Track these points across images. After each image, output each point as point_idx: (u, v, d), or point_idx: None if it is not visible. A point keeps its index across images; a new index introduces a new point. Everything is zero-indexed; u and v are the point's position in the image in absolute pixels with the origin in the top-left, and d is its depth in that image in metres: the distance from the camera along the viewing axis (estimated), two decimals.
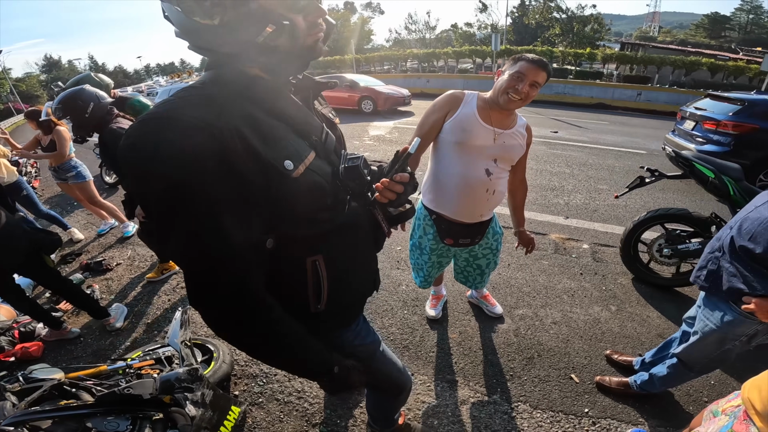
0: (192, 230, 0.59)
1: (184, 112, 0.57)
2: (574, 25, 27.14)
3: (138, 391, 1.25)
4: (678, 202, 4.43)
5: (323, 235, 0.77)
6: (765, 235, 1.12)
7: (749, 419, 0.87)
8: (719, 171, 2.22)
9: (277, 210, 0.67)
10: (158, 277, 2.85)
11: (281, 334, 0.72)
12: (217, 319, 0.67)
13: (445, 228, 1.81)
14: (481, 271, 2.06)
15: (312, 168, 0.71)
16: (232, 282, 0.63)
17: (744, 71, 17.16)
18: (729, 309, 1.29)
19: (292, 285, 0.78)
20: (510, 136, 1.63)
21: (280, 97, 0.71)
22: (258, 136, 0.63)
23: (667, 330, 2.28)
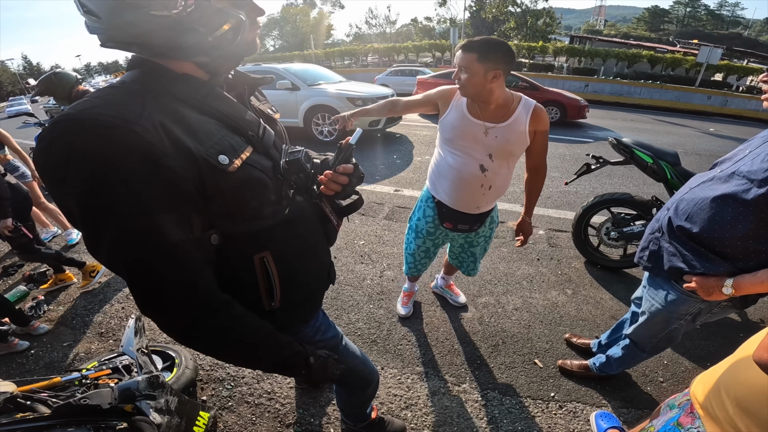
0: (123, 234, 0.56)
1: (101, 110, 0.55)
2: (528, 19, 28.05)
3: (95, 401, 1.19)
4: (623, 186, 4.73)
5: (269, 230, 0.76)
6: (700, 215, 1.16)
7: (695, 412, 0.90)
8: (657, 156, 2.39)
9: (216, 206, 0.66)
10: (90, 282, 2.70)
11: (246, 330, 0.70)
12: (172, 325, 0.65)
13: (446, 212, 1.80)
14: (475, 258, 2.05)
15: (250, 162, 0.70)
16: (181, 284, 0.61)
17: (681, 63, 18.45)
18: (672, 288, 1.31)
19: (242, 284, 0.76)
20: (505, 129, 1.53)
21: (210, 94, 0.69)
22: (187, 132, 0.61)
23: (619, 311, 2.43)
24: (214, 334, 0.67)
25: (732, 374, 0.83)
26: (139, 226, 0.56)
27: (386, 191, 4.48)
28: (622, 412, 1.77)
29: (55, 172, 0.54)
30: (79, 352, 2.17)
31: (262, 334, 0.74)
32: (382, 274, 2.80)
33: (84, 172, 0.53)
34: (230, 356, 0.76)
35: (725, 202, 1.10)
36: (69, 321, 2.42)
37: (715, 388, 0.85)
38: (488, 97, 1.48)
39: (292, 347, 0.81)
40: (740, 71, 17.64)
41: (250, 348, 0.73)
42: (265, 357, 0.77)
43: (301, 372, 0.84)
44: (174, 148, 0.58)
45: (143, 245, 0.57)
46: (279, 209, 0.78)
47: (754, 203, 1.02)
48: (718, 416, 0.81)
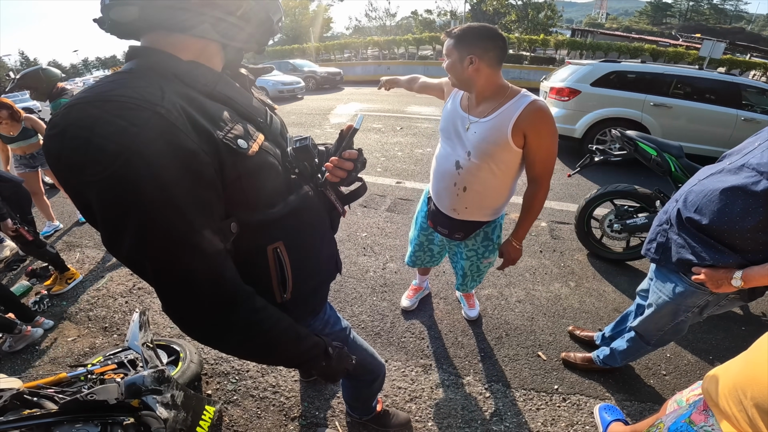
0: (149, 224, 0.51)
1: (123, 92, 0.51)
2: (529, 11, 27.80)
3: (102, 397, 1.20)
4: (626, 179, 4.71)
5: (279, 220, 0.74)
6: (710, 207, 1.16)
7: (708, 410, 0.88)
8: (661, 149, 2.38)
9: (233, 192, 0.63)
10: (64, 288, 2.69)
11: (270, 323, 0.68)
12: (199, 322, 0.61)
13: (431, 210, 1.76)
14: (463, 272, 1.90)
15: (264, 148, 0.69)
16: (209, 276, 0.57)
17: (683, 57, 18.29)
18: (680, 280, 1.31)
19: (255, 277, 0.73)
20: (484, 126, 1.38)
21: (220, 81, 0.67)
22: (204, 116, 0.59)
23: (622, 304, 2.43)
24: (240, 328, 0.64)
25: (749, 374, 0.80)
26: (166, 215, 0.52)
27: (388, 183, 4.47)
28: (626, 404, 1.78)
29: (73, 158, 0.49)
30: (84, 347, 2.17)
31: (283, 325, 0.71)
32: (384, 266, 2.80)
33: (107, 158, 0.48)
34: (253, 351, 0.71)
35: (735, 194, 1.10)
36: (73, 316, 2.43)
37: (731, 387, 0.82)
38: (471, 87, 1.39)
39: (312, 338, 0.80)
40: (743, 65, 17.49)
41: (273, 341, 0.70)
42: (287, 350, 0.74)
43: (320, 364, 0.82)
44: (196, 132, 0.56)
45: (170, 236, 0.53)
46: (289, 198, 0.77)
47: (763, 195, 1.03)
48: (737, 416, 0.78)
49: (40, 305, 2.51)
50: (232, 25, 0.65)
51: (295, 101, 11.59)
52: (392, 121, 7.88)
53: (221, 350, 0.68)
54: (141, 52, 0.63)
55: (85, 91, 0.52)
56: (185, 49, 0.64)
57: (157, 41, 0.63)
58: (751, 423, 0.75)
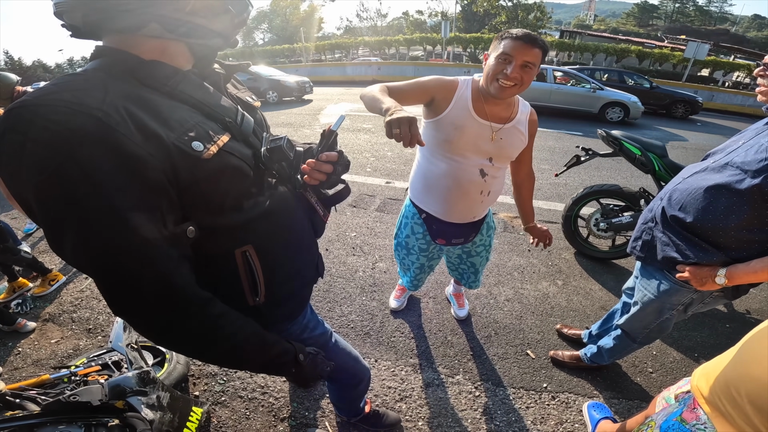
0: (87, 228, 0.51)
1: (59, 96, 0.51)
2: (519, 13, 28.04)
3: (85, 398, 1.18)
4: (611, 178, 4.79)
5: (250, 222, 0.72)
6: (694, 205, 1.17)
7: (699, 407, 0.87)
8: (645, 148, 2.42)
9: (192, 197, 0.62)
10: (47, 290, 2.63)
11: (230, 329, 0.66)
12: (149, 327, 0.60)
13: (437, 228, 1.63)
14: (475, 269, 1.90)
15: (227, 150, 0.67)
16: (155, 282, 0.56)
17: (669, 58, 18.63)
18: (665, 278, 1.32)
19: (224, 280, 0.73)
20: (509, 132, 1.40)
21: (183, 80, 0.65)
22: (156, 118, 0.57)
23: (609, 302, 2.46)
24: (196, 335, 0.63)
25: (740, 370, 0.80)
26: (104, 219, 0.51)
27: (377, 183, 4.45)
28: (613, 402, 1.80)
29: (10, 163, 0.50)
30: (67, 349, 2.13)
31: (246, 332, 0.70)
32: (374, 266, 2.79)
33: (40, 162, 0.48)
34: (215, 357, 0.71)
35: (719, 192, 1.11)
36: (56, 318, 2.37)
37: (723, 384, 0.82)
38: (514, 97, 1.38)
39: (280, 345, 0.78)
40: (727, 67, 17.87)
41: (235, 348, 0.69)
42: (251, 357, 0.73)
43: (290, 371, 0.81)
44: (141, 134, 0.54)
45: (110, 240, 0.52)
46: (260, 200, 0.75)
47: (747, 193, 1.04)
48: (732, 414, 0.78)
49: (23, 307, 2.45)
50: (184, 22, 0.62)
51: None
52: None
53: (184, 354, 0.68)
54: (102, 52, 0.62)
55: (29, 94, 0.52)
56: (145, 48, 0.63)
57: (118, 41, 0.62)
58: (748, 420, 0.74)
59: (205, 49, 0.69)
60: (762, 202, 1.02)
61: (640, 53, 19.04)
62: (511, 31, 1.24)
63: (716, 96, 14.48)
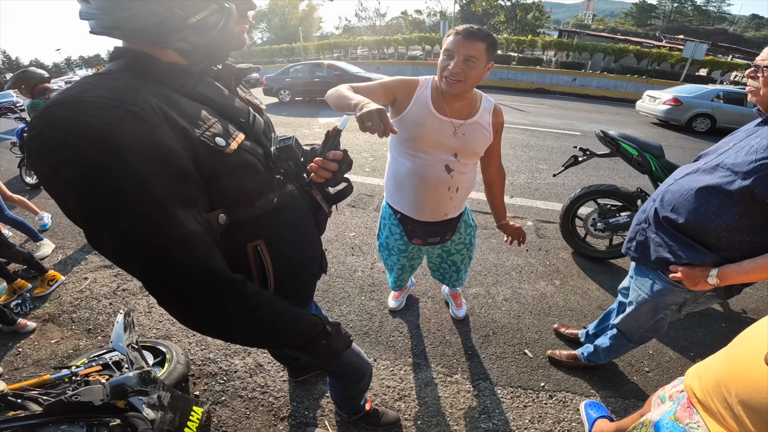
0: (129, 219, 0.53)
1: (95, 92, 0.53)
2: (518, 12, 28.05)
3: (87, 398, 1.19)
4: (608, 178, 4.81)
5: (261, 218, 0.75)
6: (685, 206, 1.18)
7: (692, 406, 0.88)
8: (642, 149, 2.43)
9: (214, 190, 0.65)
10: (47, 290, 2.64)
11: (267, 306, 0.69)
12: (195, 314, 0.62)
13: (411, 228, 1.66)
14: (457, 267, 1.92)
15: (244, 147, 0.70)
16: (197, 267, 0.58)
17: (667, 58, 18.67)
18: (658, 278, 1.33)
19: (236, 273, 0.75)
20: (472, 127, 1.43)
21: (200, 82, 0.69)
22: (181, 115, 0.60)
23: (606, 301, 2.47)
24: (240, 316, 0.65)
25: (732, 370, 0.80)
26: (146, 209, 0.53)
27: (376, 183, 4.47)
28: (610, 401, 1.81)
29: (50, 158, 0.51)
30: (68, 349, 2.14)
31: (280, 308, 0.72)
32: (373, 266, 2.81)
33: (80, 156, 0.50)
34: (256, 337, 0.73)
35: (710, 193, 1.12)
36: (56, 318, 2.38)
37: (715, 384, 0.82)
38: (470, 92, 1.40)
39: (310, 318, 0.81)
40: (725, 67, 17.92)
41: (274, 323, 0.71)
42: (287, 332, 0.75)
43: (321, 342, 0.83)
44: (172, 128, 0.57)
45: (152, 230, 0.54)
46: (271, 197, 0.78)
47: (738, 194, 1.05)
48: (723, 413, 0.79)
49: (23, 308, 2.46)
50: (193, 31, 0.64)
51: None
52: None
53: (224, 339, 0.69)
54: (123, 53, 0.65)
55: (63, 92, 0.54)
56: (164, 52, 0.66)
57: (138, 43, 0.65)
58: (738, 420, 0.75)
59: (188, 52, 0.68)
60: (752, 203, 1.03)
61: (638, 53, 19.08)
62: (456, 28, 1.27)
63: None
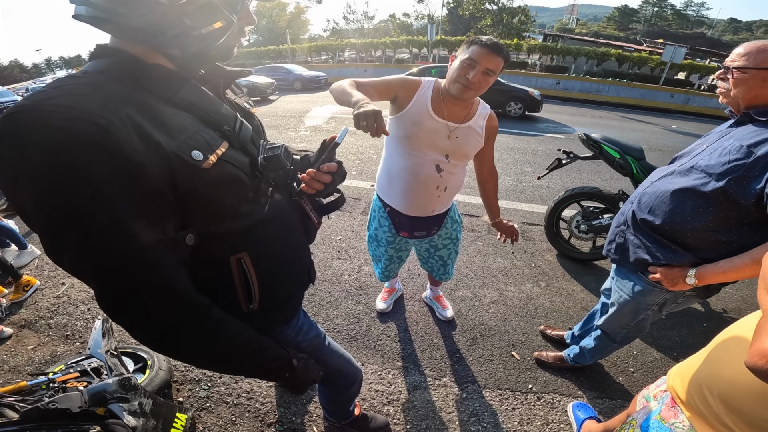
0: (87, 236, 0.51)
1: (60, 101, 0.50)
2: (504, 16, 28.46)
3: (64, 405, 1.16)
4: (592, 180, 4.90)
5: (246, 230, 0.73)
6: (662, 208, 1.20)
7: (677, 406, 0.89)
8: (623, 151, 2.48)
9: (190, 205, 0.62)
10: (22, 296, 2.56)
11: (228, 335, 0.67)
12: (148, 334, 0.60)
13: (399, 221, 1.72)
14: (444, 262, 1.96)
15: (225, 159, 0.67)
16: (156, 288, 0.57)
17: (647, 62, 19.13)
18: (638, 279, 1.35)
19: (219, 286, 0.73)
20: (465, 132, 1.49)
21: (183, 87, 0.65)
22: (156, 125, 0.57)
23: (590, 302, 2.51)
24: (195, 341, 0.64)
25: (712, 370, 0.82)
26: (105, 226, 0.51)
27: (363, 186, 4.46)
28: (597, 402, 1.83)
29: (8, 169, 0.49)
30: (45, 356, 2.08)
31: (243, 337, 0.71)
32: (359, 270, 2.80)
33: (39, 170, 0.48)
34: (211, 363, 0.72)
35: (685, 195, 1.15)
36: (33, 324, 2.31)
37: (695, 384, 0.84)
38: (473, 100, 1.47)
39: (275, 350, 0.79)
40: (702, 70, 18.41)
41: (232, 353, 0.70)
42: (247, 362, 0.74)
43: (284, 375, 0.82)
44: (142, 142, 0.54)
45: (111, 247, 0.52)
46: (257, 208, 0.75)
47: (712, 196, 1.07)
48: (704, 412, 0.80)
49: None
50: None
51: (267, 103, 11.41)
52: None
53: (181, 360, 0.67)
54: (106, 52, 0.62)
55: (28, 97, 0.51)
56: (150, 54, 0.63)
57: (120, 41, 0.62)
58: (720, 420, 0.76)
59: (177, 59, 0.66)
60: (727, 204, 1.06)
61: (619, 57, 19.50)
62: (480, 38, 1.32)
63: (692, 99, 14.90)
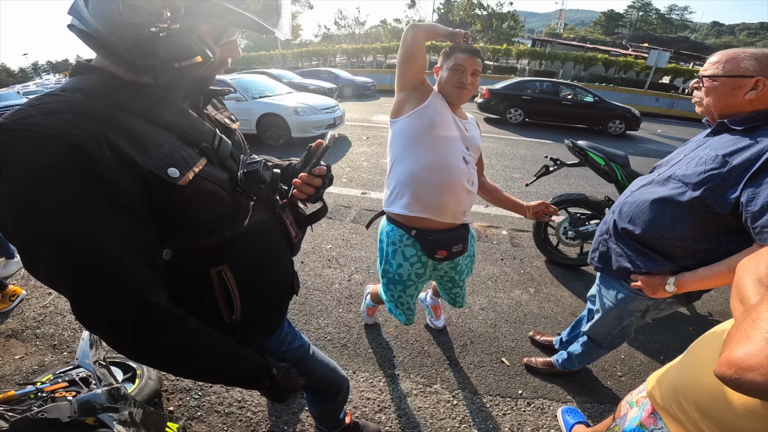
0: (61, 252, 0.53)
1: (36, 120, 0.51)
2: (494, 22, 28.79)
3: (54, 415, 1.16)
4: (579, 187, 4.97)
5: (226, 243, 0.74)
6: (641, 217, 1.23)
7: (656, 412, 0.90)
8: (608, 158, 2.53)
9: (167, 221, 0.63)
10: (8, 306, 2.53)
11: (203, 345, 0.69)
12: (121, 343, 0.61)
13: (433, 239, 1.50)
14: (464, 284, 1.79)
15: (203, 175, 0.68)
16: (129, 301, 0.58)
17: (632, 66, 19.48)
18: (621, 287, 1.38)
19: (200, 297, 0.74)
20: (471, 125, 1.60)
21: (161, 104, 0.66)
22: (132, 143, 0.58)
23: (578, 308, 2.55)
24: (169, 351, 0.65)
25: (687, 378, 0.83)
26: (78, 244, 0.53)
27: (353, 194, 4.45)
28: (586, 406, 1.86)
29: None
30: (32, 365, 2.05)
31: (220, 348, 0.72)
32: (350, 278, 2.80)
33: (14, 188, 0.50)
34: (188, 372, 0.73)
35: (663, 205, 1.17)
36: (19, 333, 2.28)
37: (672, 391, 0.85)
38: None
39: (253, 360, 0.80)
40: (686, 74, 18.76)
41: (208, 363, 0.71)
42: (224, 371, 0.75)
43: (264, 384, 0.83)
44: (117, 160, 0.55)
45: (84, 264, 0.54)
46: (237, 222, 0.76)
47: (689, 205, 1.10)
48: (681, 419, 0.81)
49: None
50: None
51: None
52: (358, 131, 7.92)
53: (157, 369, 0.70)
54: (84, 69, 0.63)
55: (8, 115, 0.53)
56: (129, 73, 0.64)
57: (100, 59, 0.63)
58: (696, 426, 0.77)
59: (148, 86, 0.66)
60: (704, 213, 1.08)
61: (606, 61, 19.84)
62: (459, 46, 1.44)
63: (677, 103, 15.13)
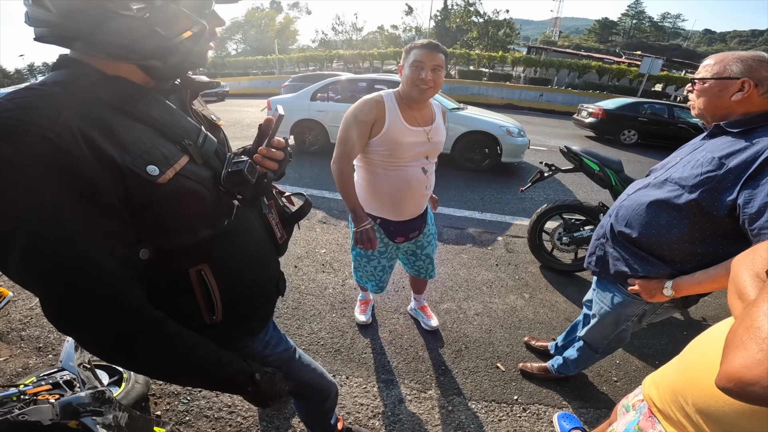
0: (33, 250, 0.51)
1: (12, 114, 0.50)
2: (489, 29, 29.08)
3: (35, 417, 1.13)
4: (574, 193, 5.00)
5: (206, 243, 0.72)
6: (638, 220, 1.22)
7: (654, 416, 0.88)
8: (603, 164, 2.53)
9: (145, 220, 0.62)
10: None
11: (182, 349, 0.67)
12: (95, 346, 0.60)
13: (393, 229, 1.76)
14: (430, 259, 2.03)
15: (184, 173, 0.66)
16: (103, 302, 0.56)
17: (626, 73, 19.72)
18: (618, 291, 1.37)
19: (179, 298, 0.72)
20: (437, 130, 1.61)
21: (143, 99, 0.64)
22: (111, 140, 0.57)
23: (573, 313, 2.54)
24: (147, 355, 0.63)
25: (686, 379, 0.82)
26: (52, 241, 0.52)
27: None
28: (582, 412, 1.84)
29: None
30: (16, 368, 2.01)
31: (200, 351, 0.70)
32: (344, 283, 2.78)
33: None
34: (167, 376, 0.71)
35: (660, 208, 1.17)
36: (4, 336, 2.24)
37: (671, 393, 0.84)
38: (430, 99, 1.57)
39: (236, 364, 0.78)
40: (678, 82, 19.01)
41: (188, 367, 0.69)
42: (206, 375, 0.73)
43: (247, 389, 0.81)
44: (94, 156, 0.54)
45: (58, 263, 0.53)
46: (218, 221, 0.74)
47: (686, 208, 1.09)
48: (683, 422, 0.79)
49: None
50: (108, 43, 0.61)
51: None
52: None
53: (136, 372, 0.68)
54: (66, 63, 0.61)
55: None
56: (113, 66, 0.62)
57: (83, 53, 0.61)
58: (697, 427, 0.76)
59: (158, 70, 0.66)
60: (700, 216, 1.08)
61: (600, 69, 20.06)
62: (417, 42, 1.44)
63: None
